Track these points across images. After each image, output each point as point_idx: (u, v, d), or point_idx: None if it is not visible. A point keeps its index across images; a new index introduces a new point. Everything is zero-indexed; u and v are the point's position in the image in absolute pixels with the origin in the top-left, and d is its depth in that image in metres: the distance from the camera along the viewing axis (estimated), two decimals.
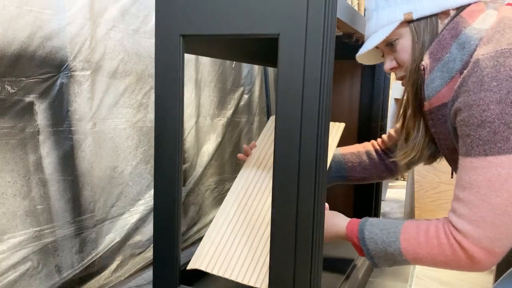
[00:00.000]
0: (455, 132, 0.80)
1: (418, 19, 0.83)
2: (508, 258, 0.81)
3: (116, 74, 1.25)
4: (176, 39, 0.83)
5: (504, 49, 0.71)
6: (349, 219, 0.93)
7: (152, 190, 1.06)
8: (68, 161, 1.13)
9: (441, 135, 0.87)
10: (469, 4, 0.82)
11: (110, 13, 1.21)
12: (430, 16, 0.83)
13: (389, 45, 0.88)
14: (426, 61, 0.83)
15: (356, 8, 1.19)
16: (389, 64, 0.91)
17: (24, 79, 1.00)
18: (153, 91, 1.23)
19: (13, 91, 0.98)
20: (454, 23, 0.81)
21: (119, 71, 1.26)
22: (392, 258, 0.85)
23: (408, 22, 0.84)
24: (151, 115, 1.39)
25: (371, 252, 0.86)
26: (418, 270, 1.47)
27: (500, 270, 0.96)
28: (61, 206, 1.13)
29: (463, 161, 0.76)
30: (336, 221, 0.93)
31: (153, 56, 0.91)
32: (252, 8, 0.76)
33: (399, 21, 0.84)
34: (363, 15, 1.05)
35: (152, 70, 1.36)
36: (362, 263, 1.27)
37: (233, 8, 0.78)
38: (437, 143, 0.91)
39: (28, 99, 1.02)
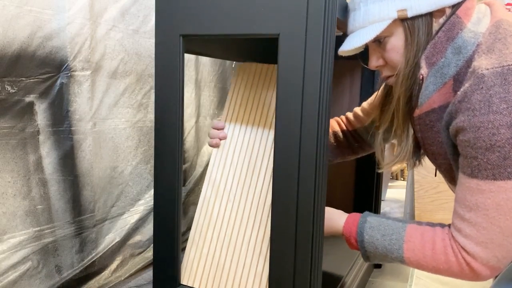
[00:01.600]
0: (451, 144, 0.78)
1: (413, 17, 0.76)
2: None
3: (116, 74, 1.25)
4: (176, 39, 0.83)
5: (511, 65, 0.68)
6: (345, 215, 0.89)
7: (152, 190, 1.06)
8: (68, 161, 1.13)
9: (427, 140, 0.84)
10: (464, 1, 0.77)
11: (110, 13, 1.21)
12: (425, 15, 0.76)
13: (377, 41, 0.81)
14: (424, 69, 0.78)
15: None
16: (375, 62, 0.84)
17: (24, 79, 1.00)
18: (153, 91, 1.23)
19: (13, 91, 0.98)
20: (450, 24, 0.76)
21: (119, 71, 1.26)
22: (390, 261, 0.84)
23: (401, 19, 0.77)
24: (151, 115, 1.39)
25: (368, 254, 0.85)
26: (418, 270, 1.48)
27: None
28: (61, 206, 1.13)
29: (467, 182, 0.73)
30: (332, 219, 0.89)
31: (153, 56, 0.91)
32: (252, 8, 0.76)
33: (391, 19, 0.76)
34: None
35: (152, 70, 1.36)
36: (362, 263, 1.27)
37: (233, 8, 0.78)
38: (423, 147, 0.88)
39: (28, 99, 1.02)
